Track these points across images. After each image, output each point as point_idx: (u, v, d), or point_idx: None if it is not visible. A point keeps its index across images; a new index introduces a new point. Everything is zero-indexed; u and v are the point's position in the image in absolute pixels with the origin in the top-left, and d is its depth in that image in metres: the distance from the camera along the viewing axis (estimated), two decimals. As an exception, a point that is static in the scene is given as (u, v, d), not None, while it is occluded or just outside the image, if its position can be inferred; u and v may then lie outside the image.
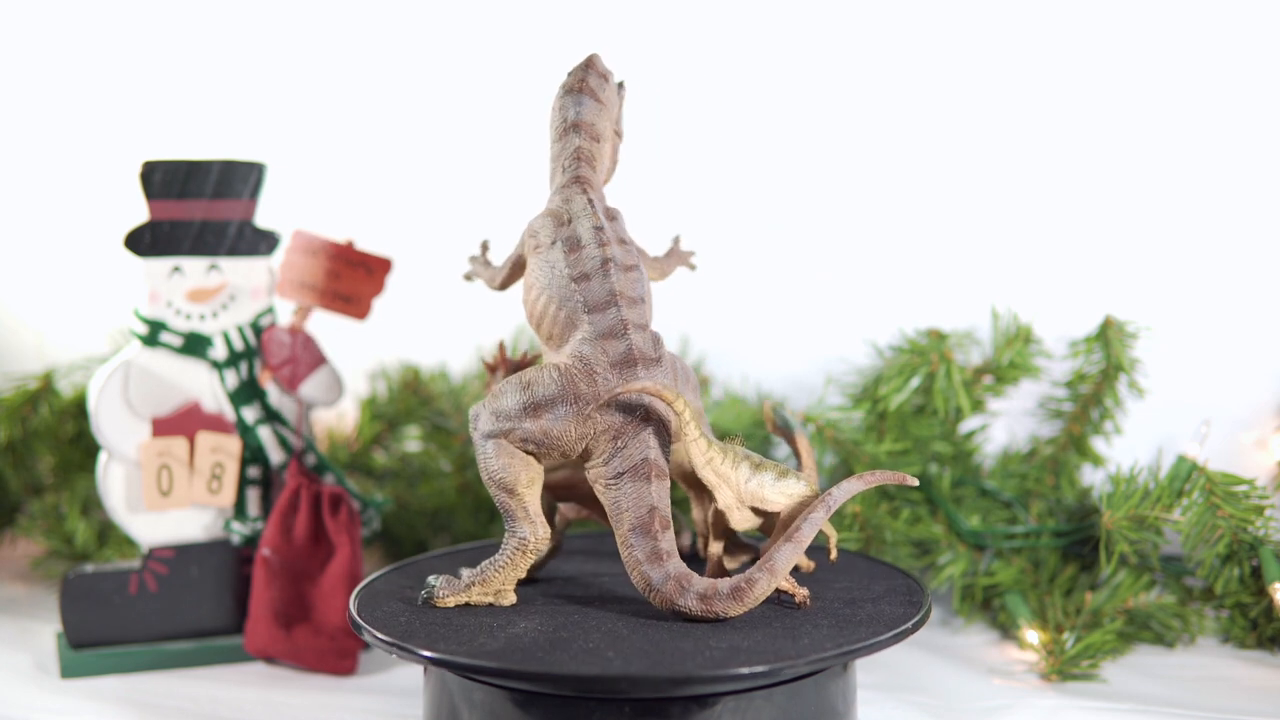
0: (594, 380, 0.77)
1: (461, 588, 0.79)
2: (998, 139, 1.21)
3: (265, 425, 0.98)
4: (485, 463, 0.78)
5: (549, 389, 0.77)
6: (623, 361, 0.77)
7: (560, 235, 0.81)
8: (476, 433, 0.79)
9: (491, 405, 0.78)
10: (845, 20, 1.24)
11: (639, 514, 0.76)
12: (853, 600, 0.80)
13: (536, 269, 0.81)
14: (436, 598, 0.79)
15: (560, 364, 0.78)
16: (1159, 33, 1.18)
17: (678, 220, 1.25)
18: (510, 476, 0.78)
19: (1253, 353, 1.16)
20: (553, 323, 0.80)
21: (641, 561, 0.76)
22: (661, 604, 0.76)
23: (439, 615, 0.78)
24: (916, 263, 1.23)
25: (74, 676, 0.94)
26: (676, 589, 0.75)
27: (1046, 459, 1.10)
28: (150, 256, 0.96)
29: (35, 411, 1.16)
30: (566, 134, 0.84)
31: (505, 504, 0.79)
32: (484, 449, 0.78)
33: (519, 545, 0.79)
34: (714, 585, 0.75)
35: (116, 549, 1.13)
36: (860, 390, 1.11)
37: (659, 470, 0.76)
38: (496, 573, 0.79)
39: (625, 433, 0.76)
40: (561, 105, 0.85)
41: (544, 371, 0.78)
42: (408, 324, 1.21)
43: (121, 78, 1.31)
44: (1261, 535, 0.94)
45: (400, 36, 1.30)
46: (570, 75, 0.86)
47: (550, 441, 0.77)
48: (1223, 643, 1.01)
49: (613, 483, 0.76)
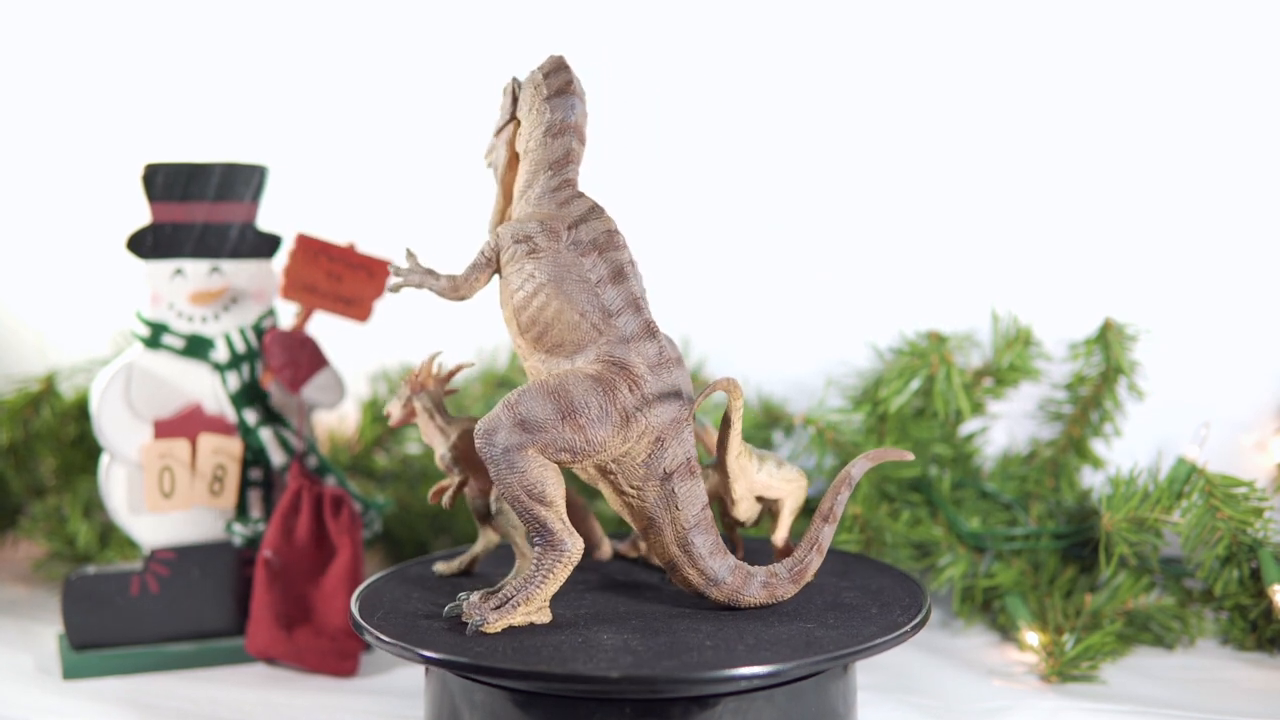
0: (636, 384, 0.76)
1: (507, 610, 0.75)
2: (997, 141, 1.22)
3: (267, 427, 0.98)
4: (515, 476, 0.75)
5: (588, 396, 0.75)
6: (658, 363, 0.77)
7: (570, 238, 0.79)
8: (496, 447, 0.75)
9: (511, 416, 0.75)
10: (846, 21, 1.24)
11: (697, 510, 0.77)
12: (853, 602, 0.81)
13: (535, 273, 0.78)
14: (487, 624, 0.75)
15: (592, 371, 0.76)
16: (1159, 33, 1.18)
17: (678, 221, 1.26)
18: (544, 488, 0.75)
19: (1252, 355, 1.16)
20: (564, 328, 0.77)
21: (704, 557, 0.77)
22: (724, 597, 0.78)
23: (439, 616, 0.78)
24: (917, 265, 1.23)
25: (76, 678, 0.94)
26: (742, 579, 0.78)
27: (1046, 461, 1.10)
28: (152, 259, 0.97)
29: (37, 413, 1.17)
30: (557, 135, 0.81)
31: (540, 516, 0.75)
32: (511, 461, 0.75)
33: (559, 558, 0.76)
34: (772, 571, 0.79)
35: (118, 551, 1.14)
36: (860, 392, 1.11)
37: (700, 468, 0.79)
38: (539, 589, 0.76)
39: (668, 433, 0.77)
40: (551, 106, 0.81)
41: (574, 379, 0.76)
42: (409, 326, 1.21)
43: (124, 80, 1.31)
44: (1261, 537, 0.94)
45: (401, 40, 1.30)
46: (554, 76, 0.82)
47: (591, 449, 0.76)
48: (1222, 644, 1.01)
49: (660, 484, 0.77)
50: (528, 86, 0.83)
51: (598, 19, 1.27)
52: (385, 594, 0.83)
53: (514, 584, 0.76)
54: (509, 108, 0.84)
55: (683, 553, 0.78)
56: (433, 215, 1.30)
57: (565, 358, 0.78)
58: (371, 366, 1.24)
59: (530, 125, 0.82)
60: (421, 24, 1.30)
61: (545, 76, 0.82)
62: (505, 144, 0.84)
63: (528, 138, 0.82)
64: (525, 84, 0.83)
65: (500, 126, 0.85)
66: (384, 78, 1.31)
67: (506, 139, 0.84)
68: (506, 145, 0.84)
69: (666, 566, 0.79)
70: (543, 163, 0.81)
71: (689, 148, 1.27)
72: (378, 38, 1.31)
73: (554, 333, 0.78)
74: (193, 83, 1.31)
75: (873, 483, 1.05)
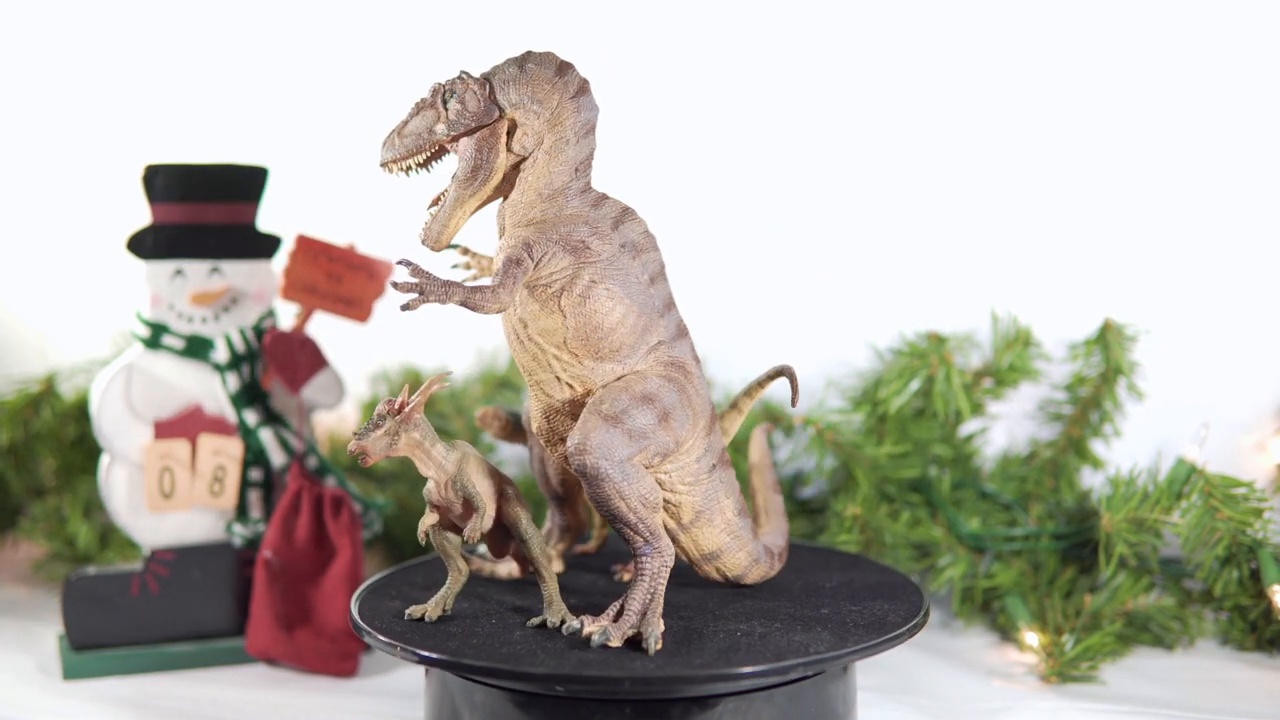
0: (693, 380, 0.78)
1: (634, 620, 0.73)
2: (997, 142, 1.22)
3: (267, 428, 0.98)
4: (633, 486, 0.73)
5: (671, 397, 0.76)
6: (694, 357, 0.80)
7: (618, 241, 0.77)
8: (610, 460, 0.73)
9: (621, 428, 0.74)
10: (846, 21, 1.24)
11: (738, 498, 0.81)
12: (853, 602, 0.81)
13: (596, 278, 0.76)
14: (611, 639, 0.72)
15: (659, 371, 0.77)
16: (1158, 34, 1.18)
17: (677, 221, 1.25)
18: (656, 494, 0.75)
19: (1252, 355, 1.16)
20: (625, 332, 0.76)
21: (749, 540, 0.82)
22: (760, 577, 0.83)
23: (439, 617, 0.78)
24: (916, 265, 1.23)
25: (76, 678, 0.94)
26: (769, 556, 0.84)
27: (1046, 461, 1.10)
28: (152, 259, 0.97)
29: (37, 414, 1.17)
30: (585, 135, 0.78)
31: (650, 524, 0.74)
32: (627, 473, 0.73)
33: (667, 561, 0.75)
34: (776, 545, 0.85)
35: (118, 551, 1.14)
36: (860, 393, 1.11)
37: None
38: (658, 594, 0.74)
39: (711, 427, 0.80)
40: (579, 105, 0.77)
41: (654, 382, 0.76)
42: (409, 327, 1.21)
43: (124, 81, 1.31)
44: (1260, 538, 0.94)
45: (402, 41, 1.30)
46: (569, 73, 0.78)
47: (677, 449, 0.76)
48: (1222, 645, 1.01)
49: (707, 474, 0.79)
50: (534, 83, 0.77)
51: (597, 19, 1.27)
52: (385, 594, 0.83)
53: (633, 595, 0.74)
54: (483, 104, 0.76)
55: (733, 539, 0.81)
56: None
57: (617, 362, 0.77)
58: (371, 367, 1.24)
59: (550, 123, 0.77)
60: (421, 24, 1.30)
61: (559, 74, 0.77)
62: (491, 143, 0.77)
63: (548, 136, 0.77)
64: (521, 80, 0.77)
65: (477, 126, 0.76)
66: (384, 78, 1.31)
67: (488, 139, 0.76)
68: (494, 144, 0.77)
69: (703, 559, 0.81)
70: (572, 163, 0.78)
71: (688, 148, 1.27)
72: (378, 38, 1.31)
73: (615, 337, 0.76)
74: (193, 83, 1.32)
75: (873, 483, 1.05)
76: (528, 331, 0.77)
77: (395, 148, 0.78)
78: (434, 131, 0.77)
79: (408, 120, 0.78)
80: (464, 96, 0.76)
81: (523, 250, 0.74)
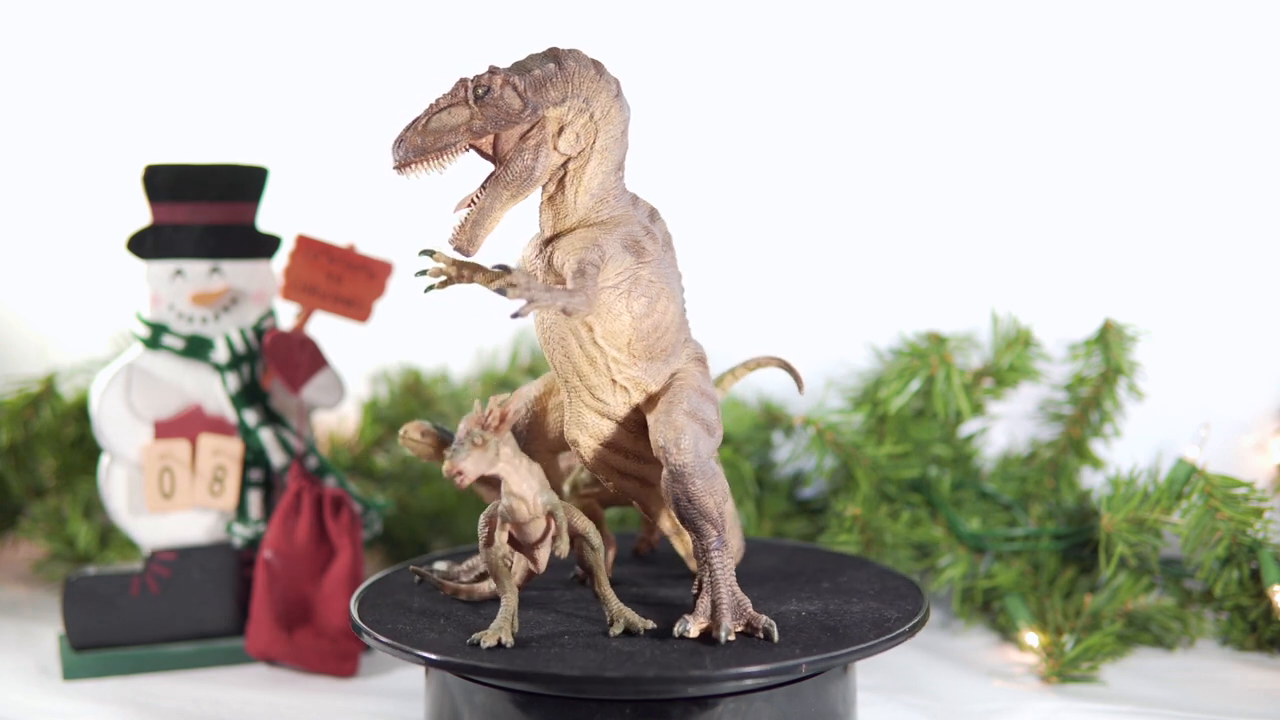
0: (709, 372, 0.80)
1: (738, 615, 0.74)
2: (997, 142, 1.22)
3: (267, 428, 0.98)
4: (716, 482, 0.74)
5: (712, 391, 0.78)
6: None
7: (659, 239, 0.77)
8: (700, 457, 0.73)
9: (702, 425, 0.75)
10: (846, 21, 1.24)
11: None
12: (852, 602, 0.81)
13: (653, 279, 0.76)
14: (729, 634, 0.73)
15: (696, 368, 0.78)
16: (1158, 34, 1.18)
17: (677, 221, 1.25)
18: (728, 486, 0.77)
19: (1252, 356, 1.16)
20: (674, 330, 0.77)
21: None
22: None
23: (440, 617, 0.78)
24: (917, 266, 1.23)
25: (76, 679, 0.94)
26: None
27: (1046, 462, 1.10)
28: (152, 259, 0.97)
29: (37, 414, 1.17)
30: (625, 134, 0.77)
31: (721, 516, 0.75)
32: (712, 469, 0.74)
33: (729, 552, 0.75)
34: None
35: (118, 551, 1.14)
36: (860, 393, 1.11)
37: None
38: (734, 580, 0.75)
39: None
40: (622, 105, 0.76)
41: (698, 376, 0.78)
42: (409, 327, 1.22)
43: (125, 81, 1.31)
44: (1261, 538, 0.94)
45: (402, 41, 1.30)
46: (605, 71, 0.76)
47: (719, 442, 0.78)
48: (1222, 645, 1.01)
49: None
50: (578, 81, 0.74)
51: (599, 20, 1.27)
52: (385, 594, 0.83)
53: (719, 591, 0.74)
54: (524, 102, 0.72)
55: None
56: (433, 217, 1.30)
57: (664, 361, 0.77)
58: (371, 367, 1.24)
59: (600, 122, 0.75)
60: (421, 24, 1.30)
61: (598, 72, 0.75)
62: (542, 143, 0.73)
63: (600, 135, 0.75)
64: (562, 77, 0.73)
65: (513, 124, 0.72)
66: (384, 78, 1.31)
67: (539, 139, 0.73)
68: (545, 144, 0.73)
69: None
70: (616, 163, 0.76)
71: (688, 148, 1.27)
72: (378, 38, 1.31)
73: (668, 337, 0.77)
74: (193, 83, 1.32)
75: (873, 483, 1.05)
76: (593, 335, 0.75)
77: (418, 146, 0.71)
78: (470, 129, 0.72)
79: (428, 117, 0.72)
80: (501, 93, 0.72)
81: (597, 253, 0.73)
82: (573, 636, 0.75)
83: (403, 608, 0.80)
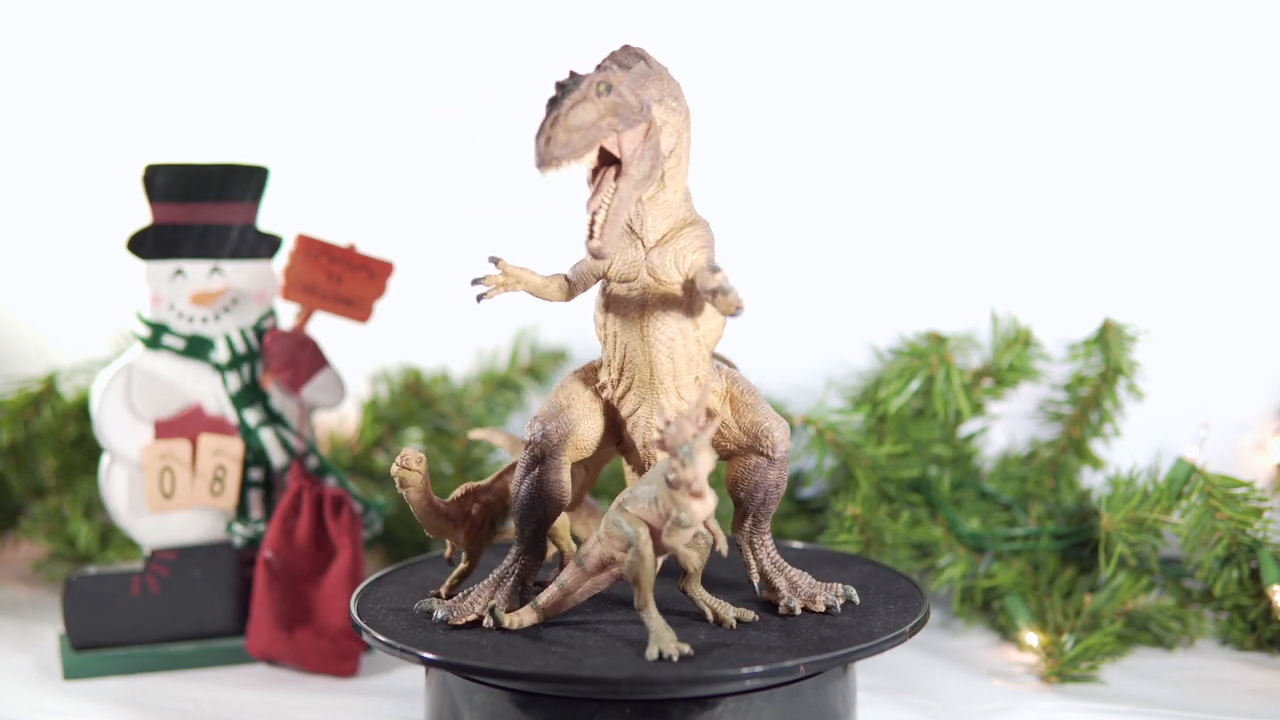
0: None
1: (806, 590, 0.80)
2: (997, 142, 1.22)
3: (267, 428, 0.98)
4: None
5: None
6: None
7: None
8: (787, 447, 0.79)
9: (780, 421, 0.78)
10: (846, 22, 1.24)
11: None
12: (852, 602, 0.81)
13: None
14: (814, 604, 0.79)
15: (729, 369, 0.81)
16: (1158, 34, 1.18)
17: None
18: None
19: (1252, 356, 1.16)
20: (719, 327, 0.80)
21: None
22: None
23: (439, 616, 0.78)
24: (916, 265, 1.23)
25: (76, 678, 0.94)
26: None
27: (1046, 462, 1.10)
28: (153, 259, 0.97)
29: (38, 414, 1.17)
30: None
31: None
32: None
33: None
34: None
35: (119, 551, 1.14)
36: (860, 393, 1.11)
37: None
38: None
39: None
40: (679, 104, 0.76)
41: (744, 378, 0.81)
42: (409, 327, 1.22)
43: (125, 81, 1.31)
44: (1260, 537, 0.94)
45: (403, 40, 1.30)
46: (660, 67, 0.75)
47: None
48: (1221, 645, 1.01)
49: None
50: (664, 80, 0.75)
51: (599, 20, 1.27)
52: (385, 594, 0.83)
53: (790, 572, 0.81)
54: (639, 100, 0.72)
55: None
56: (434, 216, 1.30)
57: (709, 357, 0.80)
58: (371, 367, 1.24)
59: (669, 124, 0.75)
60: (421, 24, 1.30)
61: (661, 68, 0.75)
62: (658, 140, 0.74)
63: (685, 133, 0.76)
64: (652, 76, 0.74)
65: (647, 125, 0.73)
66: (384, 78, 1.31)
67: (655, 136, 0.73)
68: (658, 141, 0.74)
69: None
70: (685, 155, 0.77)
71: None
72: (378, 38, 1.31)
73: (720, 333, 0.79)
74: (193, 83, 1.32)
75: (873, 483, 1.05)
76: (698, 333, 0.76)
77: (567, 145, 0.69)
78: (612, 125, 0.71)
79: (563, 114, 0.70)
80: (621, 90, 0.71)
81: (713, 252, 0.77)
82: (573, 636, 0.75)
83: (403, 607, 0.80)
